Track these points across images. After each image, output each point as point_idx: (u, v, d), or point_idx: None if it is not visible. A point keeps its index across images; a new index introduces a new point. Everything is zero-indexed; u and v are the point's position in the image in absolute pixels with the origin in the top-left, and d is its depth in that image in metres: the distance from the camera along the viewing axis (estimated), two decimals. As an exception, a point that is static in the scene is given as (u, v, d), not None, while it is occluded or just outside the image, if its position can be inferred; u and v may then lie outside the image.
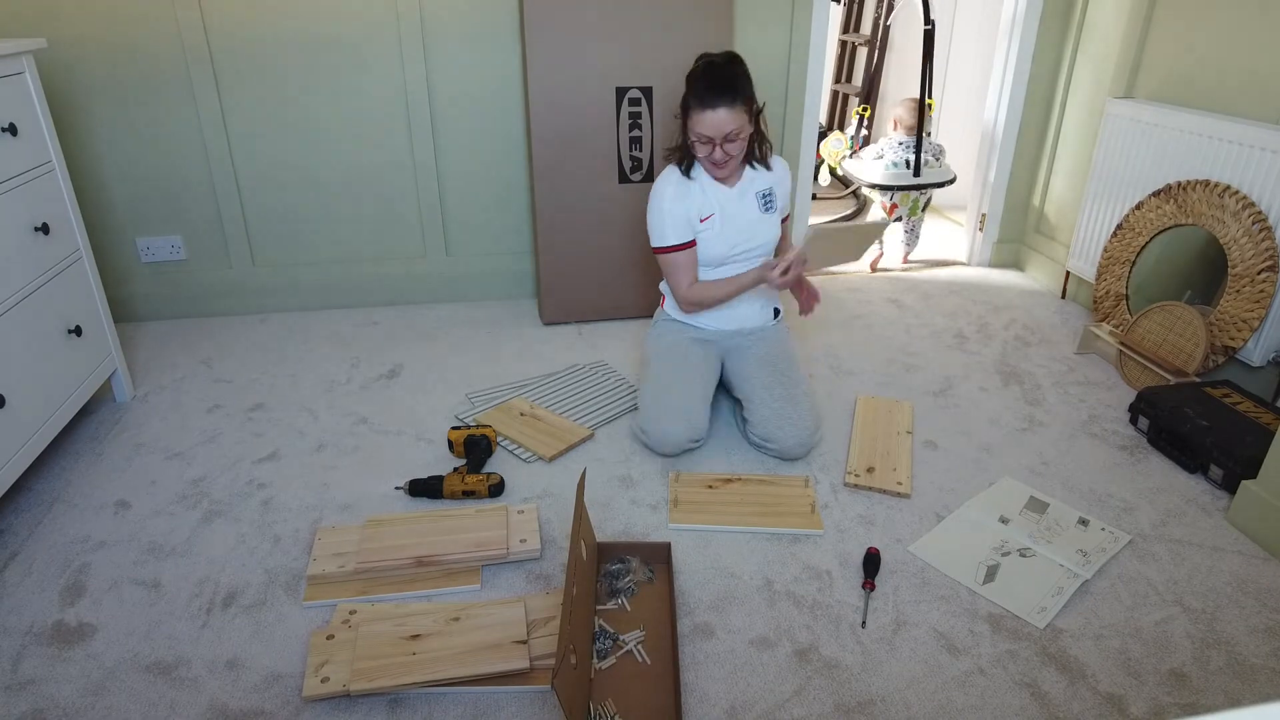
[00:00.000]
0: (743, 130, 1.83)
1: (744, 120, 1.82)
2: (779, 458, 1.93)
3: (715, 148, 1.83)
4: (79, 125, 2.49)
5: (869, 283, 3.11)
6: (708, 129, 1.81)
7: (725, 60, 1.83)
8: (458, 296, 2.90)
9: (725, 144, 1.83)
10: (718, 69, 1.81)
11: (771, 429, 1.90)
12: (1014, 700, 1.30)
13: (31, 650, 1.40)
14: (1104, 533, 1.68)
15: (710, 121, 1.80)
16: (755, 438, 1.95)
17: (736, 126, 1.81)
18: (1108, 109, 2.58)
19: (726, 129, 1.80)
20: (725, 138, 1.81)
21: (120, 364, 2.18)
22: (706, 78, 1.80)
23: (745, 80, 1.83)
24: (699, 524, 1.70)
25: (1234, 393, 2.01)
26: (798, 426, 1.89)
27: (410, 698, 1.30)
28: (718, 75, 1.80)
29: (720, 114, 1.79)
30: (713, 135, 1.81)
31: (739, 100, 1.80)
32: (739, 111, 1.80)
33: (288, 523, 1.73)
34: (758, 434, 1.93)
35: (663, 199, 1.94)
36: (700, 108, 1.80)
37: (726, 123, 1.79)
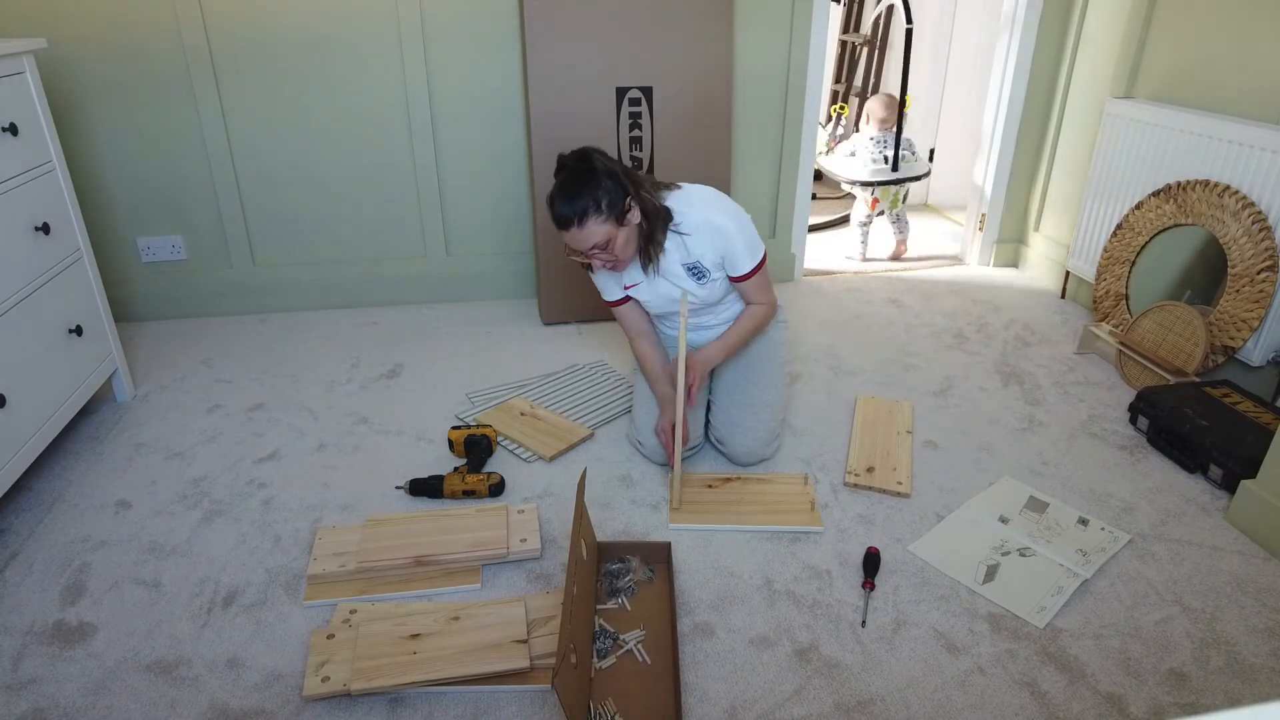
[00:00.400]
0: (613, 236, 1.64)
1: (608, 229, 1.63)
2: (731, 461, 1.93)
3: (591, 258, 1.68)
4: (79, 125, 2.49)
5: (869, 283, 3.11)
6: (576, 245, 1.65)
7: (574, 170, 1.63)
8: (458, 296, 2.90)
9: (599, 253, 1.67)
10: (565, 183, 1.63)
11: (725, 432, 1.90)
12: (1013, 700, 1.30)
13: (32, 650, 1.40)
14: (1104, 532, 1.68)
15: (573, 240, 1.64)
16: (713, 439, 1.96)
17: (599, 239, 1.63)
18: (1107, 109, 2.58)
19: (591, 243, 1.63)
20: (595, 248, 1.65)
21: (121, 364, 2.19)
22: (553, 197, 1.63)
23: (598, 187, 1.61)
24: (699, 524, 1.70)
25: (1234, 392, 2.01)
26: (749, 435, 1.88)
27: (410, 697, 1.31)
28: (565, 191, 1.62)
29: (576, 234, 1.62)
30: (579, 249, 1.66)
31: (590, 213, 1.60)
32: (597, 223, 1.61)
33: (288, 522, 1.73)
34: (715, 436, 1.95)
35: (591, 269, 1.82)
36: (557, 228, 1.65)
37: (589, 238, 1.63)
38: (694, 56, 2.45)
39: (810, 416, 2.14)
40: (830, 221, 3.84)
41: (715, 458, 1.95)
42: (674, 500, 1.75)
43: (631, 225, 1.67)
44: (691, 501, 1.77)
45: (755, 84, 2.75)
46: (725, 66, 2.50)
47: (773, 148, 2.87)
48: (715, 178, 2.62)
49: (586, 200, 1.60)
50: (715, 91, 2.52)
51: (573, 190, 1.61)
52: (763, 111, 2.80)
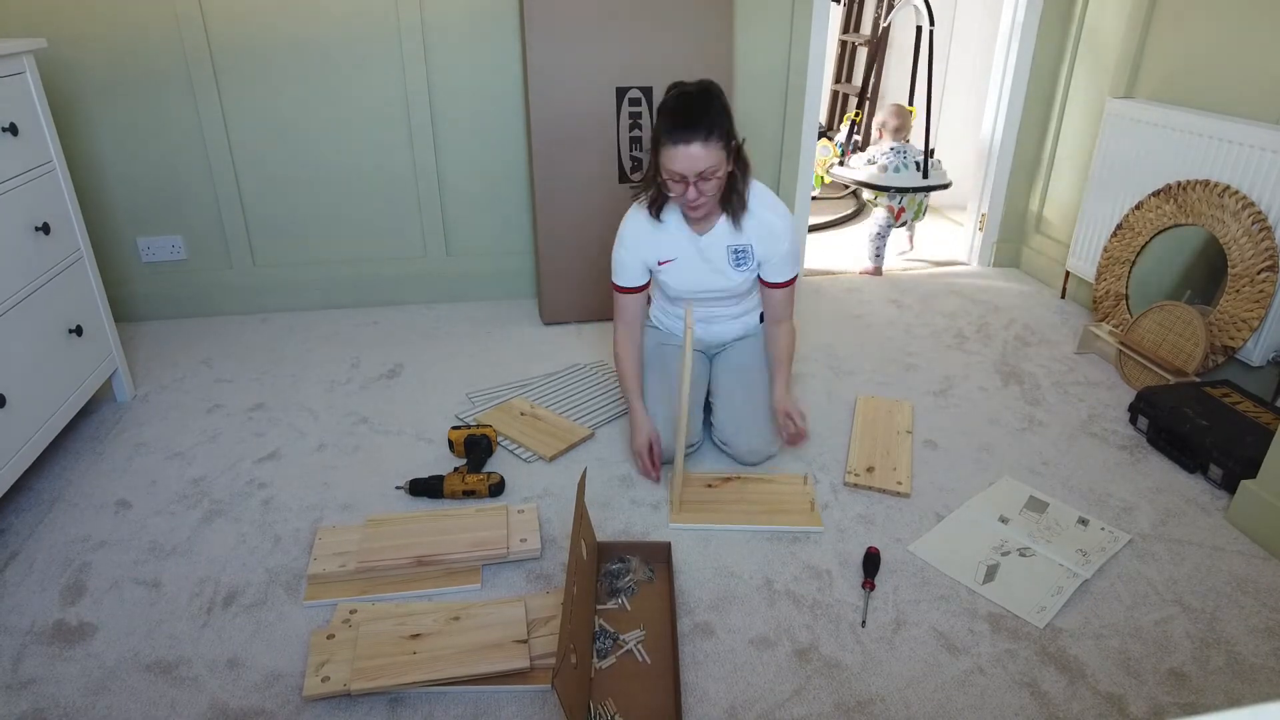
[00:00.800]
0: (719, 168, 1.66)
1: (720, 158, 1.64)
2: (736, 461, 1.92)
3: (688, 187, 1.67)
4: (79, 125, 2.49)
5: (869, 283, 3.11)
6: (680, 165, 1.63)
7: (700, 90, 1.65)
8: (458, 296, 2.90)
9: (699, 183, 1.66)
10: (692, 99, 1.63)
11: (729, 433, 1.90)
12: (1013, 700, 1.30)
13: (32, 650, 1.40)
14: (1104, 532, 1.68)
15: (683, 157, 1.62)
16: (716, 440, 1.96)
17: (712, 164, 1.63)
18: (1108, 109, 2.58)
19: (700, 166, 1.63)
20: (700, 176, 1.64)
21: (121, 364, 2.19)
22: (679, 109, 1.63)
23: (722, 113, 1.65)
24: (700, 523, 1.70)
25: (1234, 392, 2.01)
26: (753, 435, 1.88)
27: (411, 697, 1.31)
28: (692, 106, 1.62)
29: (694, 149, 1.61)
30: (685, 173, 1.64)
31: (714, 134, 1.62)
32: (715, 148, 1.63)
33: (288, 522, 1.73)
34: (718, 436, 1.94)
35: (622, 242, 1.84)
36: (671, 143, 1.62)
37: (700, 159, 1.62)
38: (694, 56, 2.45)
39: (810, 416, 2.13)
40: (830, 221, 3.84)
41: (716, 457, 1.95)
42: (674, 500, 1.75)
43: (728, 168, 1.70)
44: (692, 501, 1.77)
45: (755, 84, 2.75)
46: (725, 66, 2.50)
47: (773, 147, 2.87)
48: (715, 178, 2.62)
49: (712, 120, 1.61)
50: (715, 91, 2.52)
51: (704, 108, 1.62)
52: (763, 111, 2.80)
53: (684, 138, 1.61)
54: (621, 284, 1.89)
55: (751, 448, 1.88)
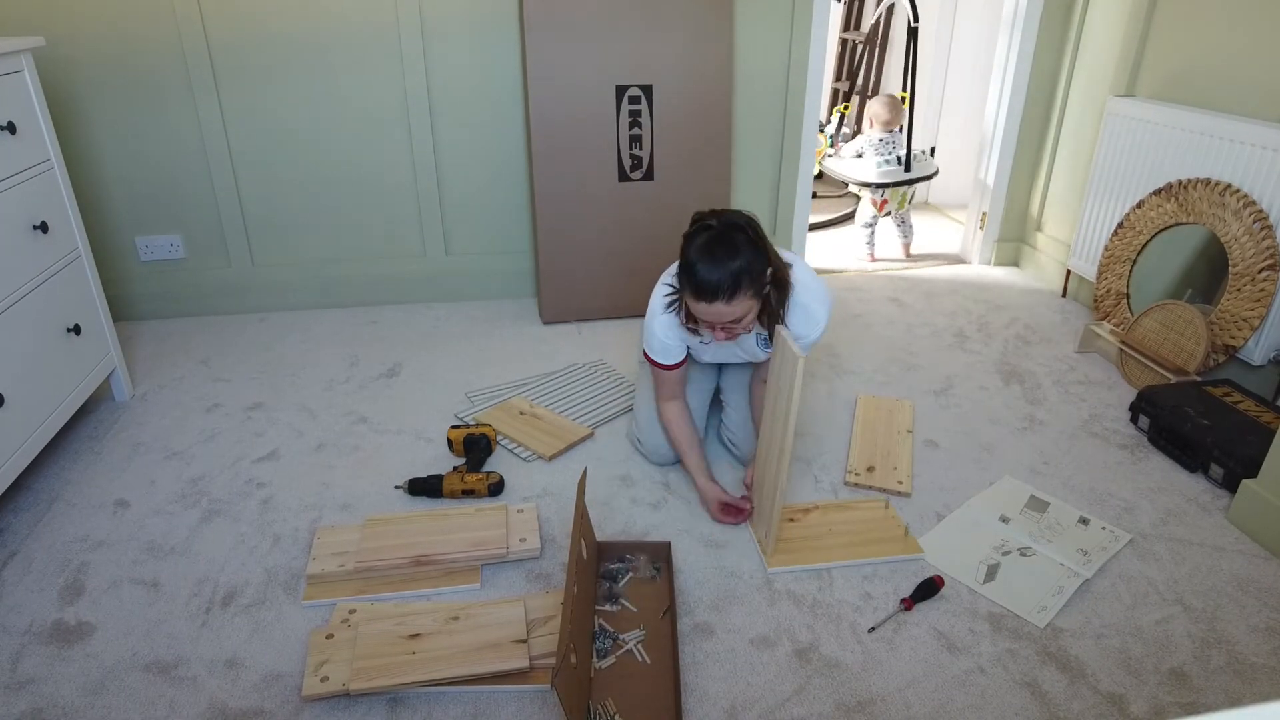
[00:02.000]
0: (749, 313, 1.54)
1: (750, 304, 1.52)
2: (742, 461, 1.91)
3: (716, 330, 1.57)
4: (78, 124, 2.48)
5: (869, 282, 3.10)
6: (708, 318, 1.54)
7: (725, 236, 1.49)
8: (457, 295, 2.89)
9: (730, 325, 1.55)
10: (715, 254, 1.47)
11: (740, 434, 1.89)
12: (1014, 699, 1.30)
13: (31, 649, 1.40)
14: (1104, 532, 1.68)
15: (709, 314, 1.52)
16: (726, 439, 1.95)
17: (740, 313, 1.52)
18: (1109, 107, 2.57)
19: (728, 319, 1.52)
20: (729, 323, 1.54)
21: (119, 363, 2.18)
22: (701, 269, 1.48)
23: (751, 261, 1.49)
24: (804, 564, 1.58)
25: (1234, 392, 2.01)
26: None
27: (410, 697, 1.30)
28: (715, 264, 1.47)
29: (718, 308, 1.49)
30: (713, 323, 1.55)
31: (741, 289, 1.48)
32: (744, 298, 1.49)
33: (287, 522, 1.73)
34: (728, 437, 1.93)
35: (654, 325, 1.72)
36: (695, 299, 1.51)
37: (727, 314, 1.51)
38: (694, 55, 2.45)
39: (810, 416, 2.13)
40: (830, 220, 3.84)
41: (717, 460, 1.95)
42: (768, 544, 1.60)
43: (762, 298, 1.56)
44: (783, 539, 1.64)
45: (755, 82, 2.75)
46: (725, 65, 2.49)
47: (773, 146, 2.87)
48: (715, 176, 2.62)
49: (740, 275, 1.47)
50: (715, 90, 2.51)
51: (726, 263, 1.47)
52: (763, 110, 2.80)
53: (707, 299, 1.49)
54: (668, 362, 1.76)
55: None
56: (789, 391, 1.43)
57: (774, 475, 1.54)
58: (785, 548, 1.63)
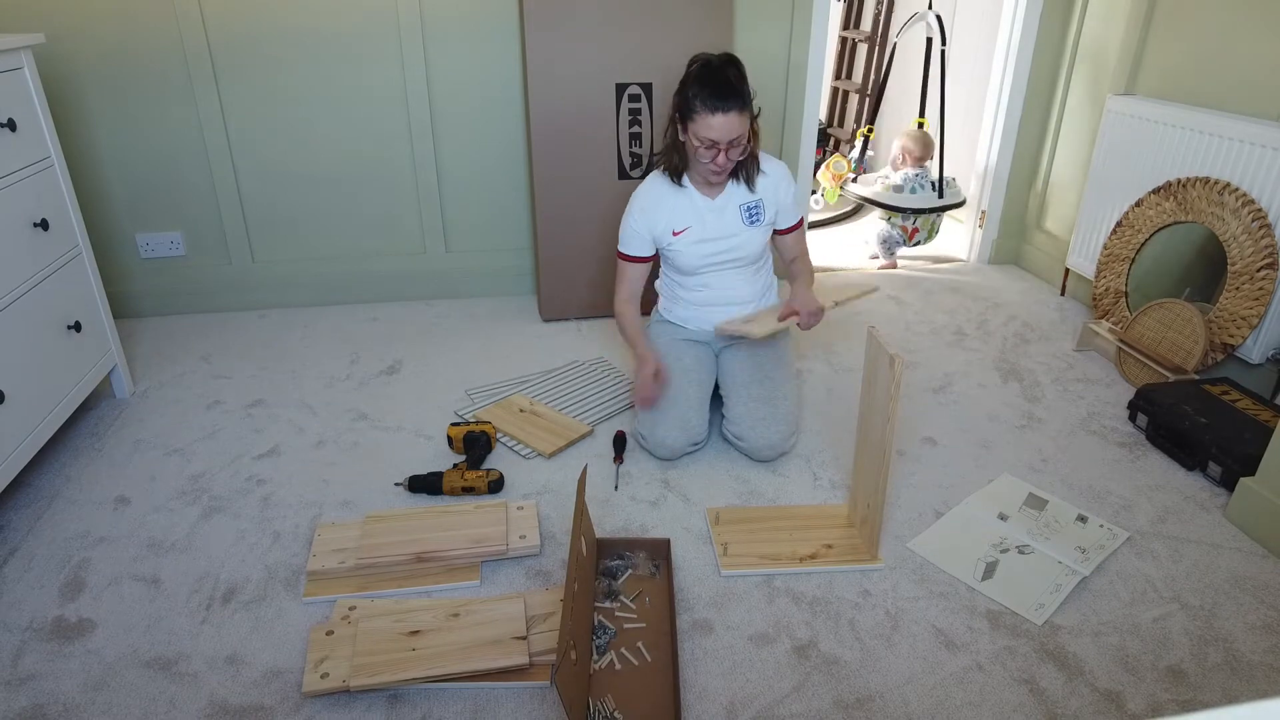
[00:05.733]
0: (745, 135, 1.79)
1: (747, 126, 1.78)
2: (749, 457, 1.92)
3: (720, 153, 1.78)
4: (78, 121, 2.48)
5: (869, 280, 3.10)
6: (715, 134, 1.75)
7: (728, 62, 1.77)
8: (457, 292, 2.89)
9: (729, 149, 1.78)
10: (723, 70, 1.74)
11: (744, 428, 1.89)
12: (1012, 697, 1.31)
13: (31, 646, 1.40)
14: (1102, 530, 1.68)
15: (720, 125, 1.74)
16: (729, 435, 1.94)
17: (743, 131, 1.76)
18: (1108, 105, 2.57)
19: (735, 133, 1.75)
20: (730, 143, 1.76)
21: (120, 360, 2.18)
22: (713, 79, 1.73)
23: (747, 84, 1.77)
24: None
25: (1233, 390, 2.01)
26: (770, 429, 1.87)
27: (410, 693, 1.31)
28: (724, 76, 1.73)
29: (730, 118, 1.73)
30: (720, 139, 1.75)
31: (745, 104, 1.75)
32: (745, 116, 1.76)
33: (287, 519, 1.73)
34: (732, 431, 1.93)
35: (631, 210, 1.95)
36: (709, 111, 1.73)
37: (736, 126, 1.74)
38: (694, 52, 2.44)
39: (810, 414, 2.14)
40: (830, 219, 3.84)
41: (717, 460, 1.95)
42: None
43: None
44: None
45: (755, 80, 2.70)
46: (725, 63, 2.49)
47: (773, 144, 2.87)
48: (715, 174, 2.61)
49: (744, 91, 1.74)
50: (715, 88, 2.51)
51: (736, 78, 1.73)
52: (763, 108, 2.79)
53: (721, 107, 1.72)
54: (630, 253, 1.97)
55: (769, 443, 1.86)
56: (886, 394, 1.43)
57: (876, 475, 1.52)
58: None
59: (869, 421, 1.55)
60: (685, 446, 1.89)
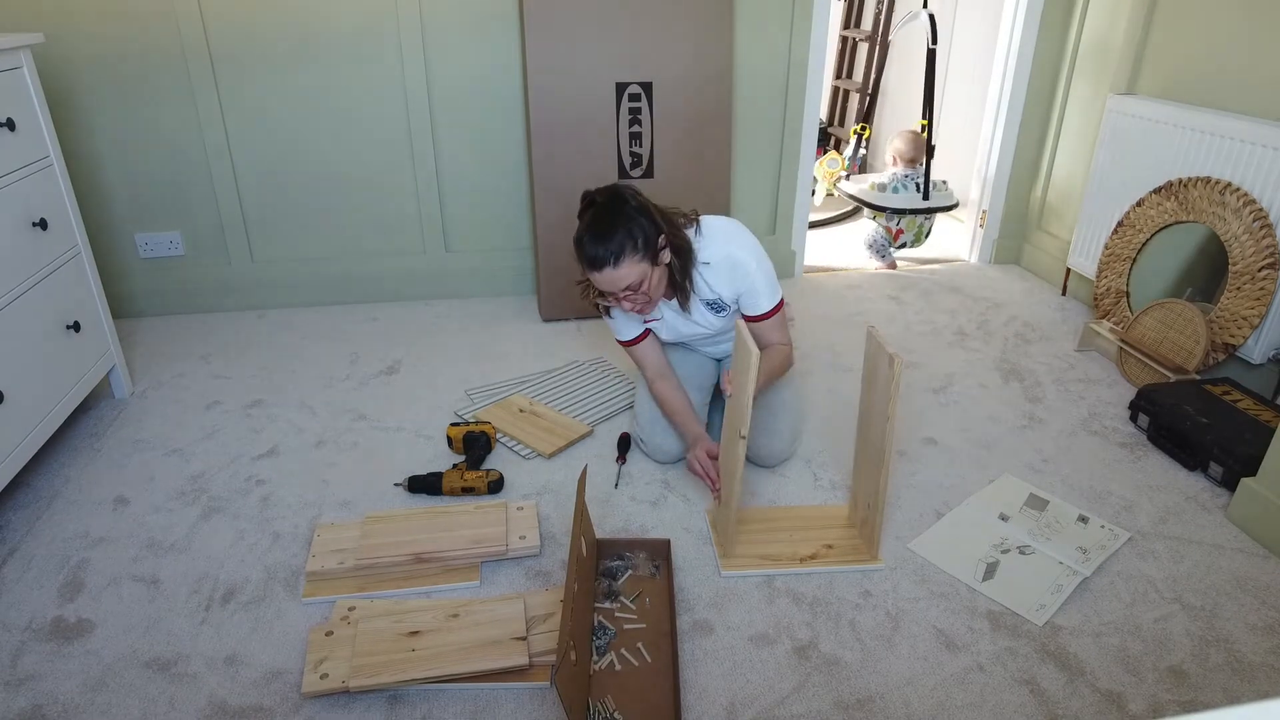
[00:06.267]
0: (645, 277, 1.60)
1: (642, 269, 1.59)
2: (755, 463, 1.91)
3: (621, 300, 1.65)
4: (77, 120, 2.48)
5: (869, 280, 3.10)
6: (602, 286, 1.62)
7: (605, 208, 1.59)
8: (457, 293, 2.89)
9: (629, 295, 1.63)
10: (596, 224, 1.58)
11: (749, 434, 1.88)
12: (1013, 697, 1.30)
13: (30, 646, 1.40)
14: (1104, 530, 1.68)
15: (603, 282, 1.60)
16: None
17: (634, 278, 1.58)
18: (1109, 105, 2.57)
19: (621, 285, 1.59)
20: (627, 290, 1.61)
21: (119, 360, 2.18)
22: (584, 239, 1.58)
23: (632, 225, 1.57)
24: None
25: (1234, 390, 2.01)
26: (774, 436, 1.86)
27: (409, 694, 1.30)
28: (596, 234, 1.57)
29: (607, 274, 1.58)
30: (611, 290, 1.62)
31: (625, 253, 1.56)
32: (631, 263, 1.57)
33: (287, 519, 1.73)
34: None
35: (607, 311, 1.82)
36: (588, 267, 1.60)
37: (620, 280, 1.58)
38: (694, 52, 2.45)
39: (810, 414, 2.13)
40: (831, 218, 3.84)
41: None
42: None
43: (663, 264, 1.64)
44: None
45: (755, 80, 2.75)
46: (725, 62, 2.49)
47: (773, 144, 2.86)
48: (715, 174, 2.61)
49: (622, 239, 1.56)
50: (715, 88, 2.51)
51: (606, 228, 1.56)
52: (763, 107, 2.79)
53: (597, 265, 1.57)
54: (625, 338, 1.86)
55: (772, 450, 1.87)
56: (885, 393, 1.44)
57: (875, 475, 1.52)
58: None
59: (869, 421, 1.56)
60: (683, 450, 1.88)
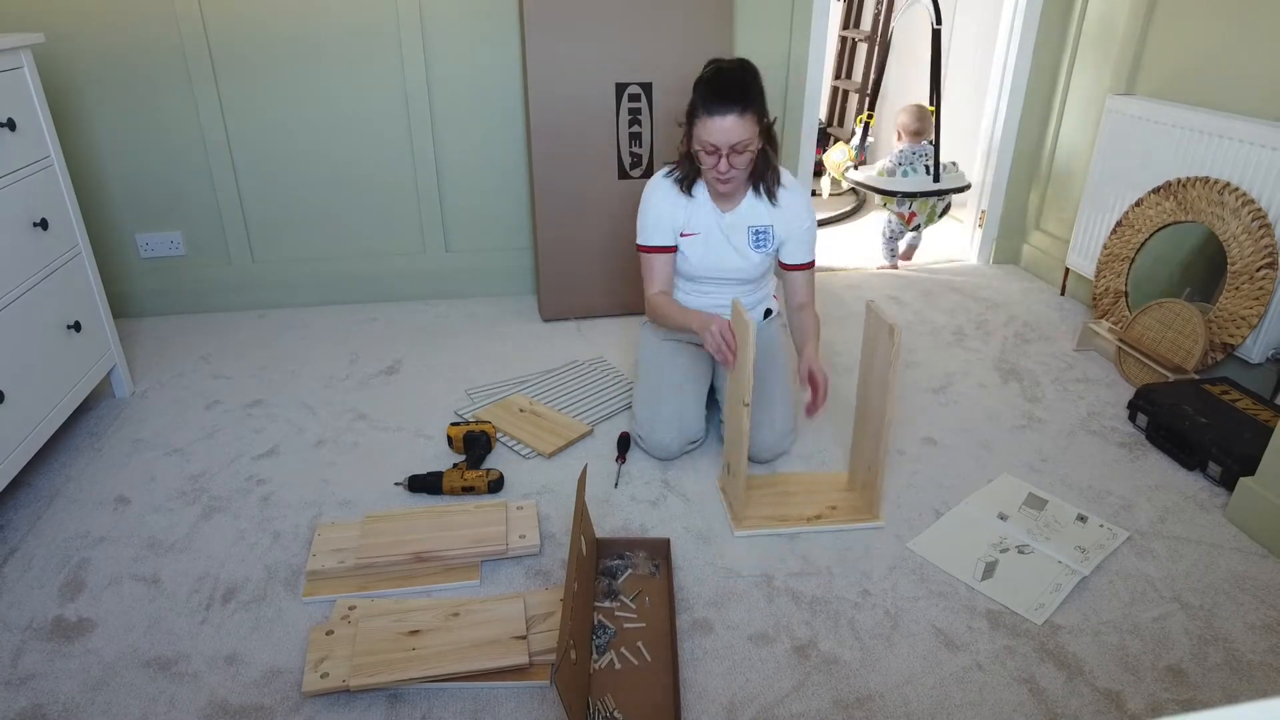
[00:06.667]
0: (751, 142, 1.69)
1: (753, 131, 1.69)
2: (751, 459, 1.90)
3: (721, 159, 1.70)
4: (78, 120, 2.48)
5: (869, 280, 3.11)
6: (714, 137, 1.67)
7: (737, 65, 1.71)
8: (457, 292, 2.89)
9: (732, 155, 1.69)
10: (728, 73, 1.69)
11: None
12: (1012, 696, 1.31)
13: (31, 645, 1.40)
14: (1102, 529, 1.68)
15: (717, 129, 1.66)
16: None
17: (745, 137, 1.67)
18: (1108, 105, 2.57)
19: (734, 138, 1.67)
20: (732, 148, 1.68)
21: (119, 360, 2.18)
22: (716, 82, 1.67)
23: (757, 89, 1.70)
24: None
25: (1233, 390, 2.01)
26: (769, 430, 1.87)
27: (410, 693, 1.31)
28: (728, 80, 1.67)
29: (728, 121, 1.65)
30: (719, 144, 1.68)
31: (749, 109, 1.67)
32: (749, 121, 1.67)
33: (287, 519, 1.73)
34: None
35: (651, 199, 1.87)
36: (707, 114, 1.67)
37: (734, 131, 1.66)
38: (694, 52, 2.44)
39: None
40: (831, 218, 3.84)
41: (717, 456, 1.95)
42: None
43: (760, 145, 1.74)
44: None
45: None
46: (725, 62, 2.49)
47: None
48: (715, 174, 2.61)
49: (750, 95, 1.67)
50: (715, 87, 2.51)
51: (741, 82, 1.67)
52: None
53: (720, 110, 1.66)
54: (651, 243, 1.89)
55: (768, 444, 1.87)
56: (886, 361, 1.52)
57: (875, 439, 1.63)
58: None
59: (867, 390, 1.65)
60: (682, 447, 1.89)
